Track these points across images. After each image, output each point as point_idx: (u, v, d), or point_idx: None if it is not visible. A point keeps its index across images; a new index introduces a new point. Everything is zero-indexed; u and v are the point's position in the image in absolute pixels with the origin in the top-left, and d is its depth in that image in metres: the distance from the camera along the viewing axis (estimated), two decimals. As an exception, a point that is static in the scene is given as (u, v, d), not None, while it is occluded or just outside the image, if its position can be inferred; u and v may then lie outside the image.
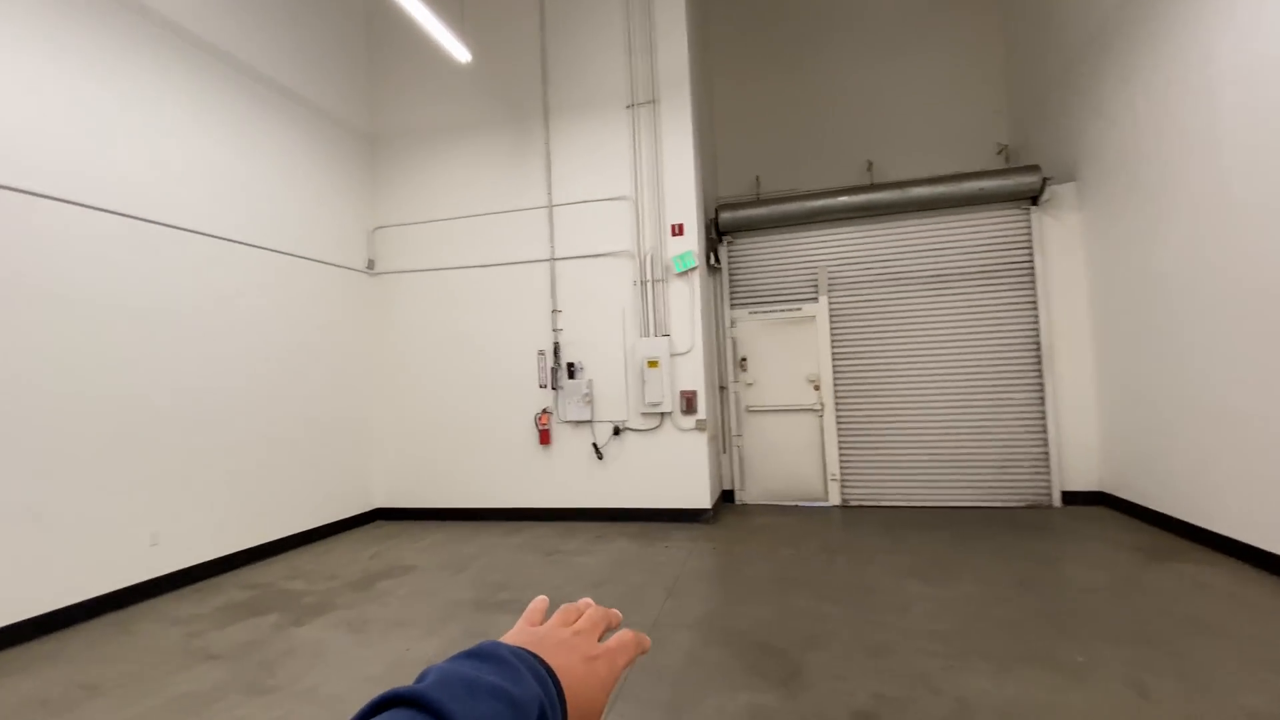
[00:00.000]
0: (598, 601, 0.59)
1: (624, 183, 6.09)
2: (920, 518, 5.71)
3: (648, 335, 5.95)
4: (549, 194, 6.29)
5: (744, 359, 6.65)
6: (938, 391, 6.18)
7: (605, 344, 6.09)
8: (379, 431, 6.71)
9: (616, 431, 5.99)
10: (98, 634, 3.67)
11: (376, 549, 5.43)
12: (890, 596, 3.74)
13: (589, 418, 6.05)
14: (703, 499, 5.79)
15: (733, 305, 6.74)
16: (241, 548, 5.04)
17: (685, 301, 5.90)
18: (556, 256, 6.26)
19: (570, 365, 6.14)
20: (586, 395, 6.04)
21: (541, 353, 6.25)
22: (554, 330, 6.22)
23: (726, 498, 6.65)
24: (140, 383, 4.34)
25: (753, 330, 6.64)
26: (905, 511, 5.99)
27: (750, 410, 6.61)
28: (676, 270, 5.87)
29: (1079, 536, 4.83)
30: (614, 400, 6.05)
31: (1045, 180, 5.86)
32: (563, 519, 6.13)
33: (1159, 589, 3.65)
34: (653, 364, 5.82)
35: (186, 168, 4.78)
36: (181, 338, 4.66)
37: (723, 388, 6.71)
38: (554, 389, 6.18)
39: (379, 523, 6.56)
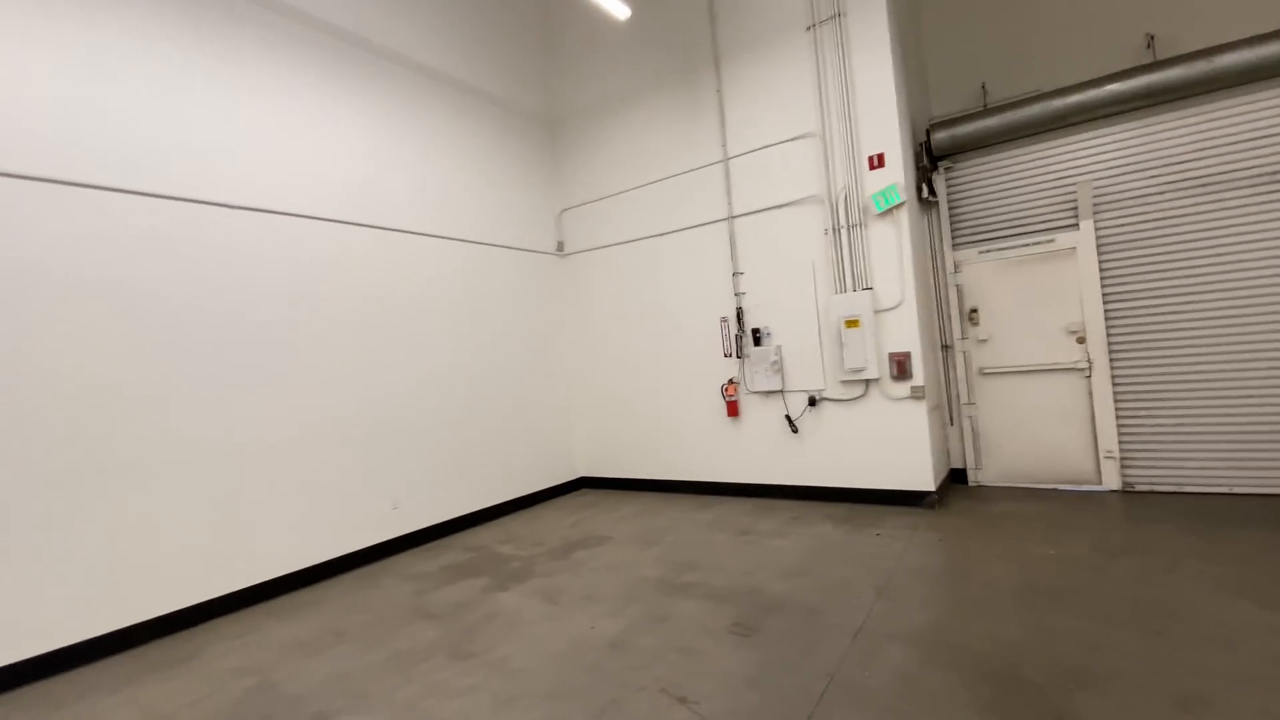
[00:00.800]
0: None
1: (808, 118, 5.32)
2: (1247, 509, 4.12)
3: (844, 291, 5.17)
4: (724, 147, 5.79)
5: (974, 310, 5.46)
6: (1271, 334, 4.36)
7: (794, 305, 5.46)
8: (578, 405, 6.98)
9: (812, 402, 5.36)
10: (353, 585, 4.30)
11: (577, 517, 5.64)
12: (1206, 622, 2.65)
13: (779, 387, 5.50)
14: (924, 479, 4.91)
15: (956, 245, 5.56)
16: (464, 512, 5.60)
17: (891, 246, 4.99)
18: (734, 214, 5.75)
19: (755, 331, 5.65)
20: (775, 363, 5.50)
21: (724, 319, 5.85)
22: (735, 294, 5.76)
23: (956, 477, 5.60)
24: (380, 375, 4.98)
25: (984, 274, 5.41)
26: (1222, 500, 4.39)
27: (985, 372, 5.43)
28: (878, 210, 4.97)
29: None
30: (807, 368, 5.41)
31: None
32: (755, 495, 5.73)
33: None
34: (852, 323, 5.05)
35: (385, 173, 5.31)
36: (402, 331, 5.24)
37: (946, 347, 5.61)
38: (739, 358, 5.75)
39: (583, 490, 6.86)
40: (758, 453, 5.73)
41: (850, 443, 5.23)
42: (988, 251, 5.39)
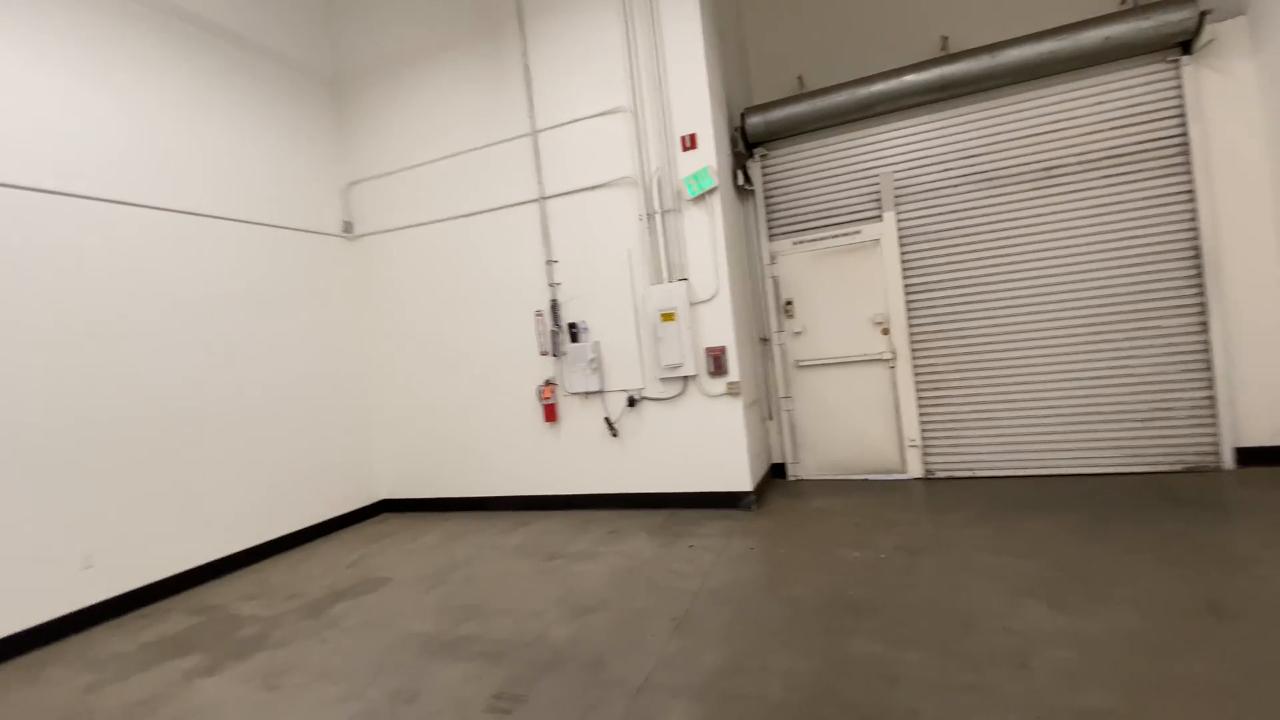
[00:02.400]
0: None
1: (619, 91, 4.83)
2: (1034, 492, 4.33)
3: (660, 281, 4.77)
4: (531, 118, 5.14)
5: (789, 302, 5.34)
6: (1052, 323, 4.66)
7: (611, 297, 4.97)
8: (377, 415, 5.96)
9: (632, 403, 4.91)
10: (8, 679, 3.06)
11: (362, 553, 4.70)
12: (1001, 634, 2.51)
13: (598, 388, 4.99)
14: (741, 479, 4.65)
15: (772, 236, 5.40)
16: (209, 559, 4.42)
17: (706, 234, 4.65)
18: (546, 194, 5.13)
19: (572, 326, 5.08)
20: (593, 361, 4.97)
21: (539, 313, 5.22)
22: (551, 285, 5.15)
23: (777, 472, 5.48)
24: (101, 384, 3.67)
25: (799, 265, 5.30)
26: (1012, 484, 4.61)
27: (801, 365, 5.33)
28: (690, 194, 4.61)
29: (1272, 514, 3.34)
30: (626, 365, 4.95)
31: (1203, 15, 4.10)
32: (578, 507, 5.18)
33: None
34: (668, 317, 4.66)
35: (126, 134, 3.98)
36: (122, 324, 3.95)
37: (764, 340, 5.45)
38: (556, 356, 5.15)
39: (385, 516, 5.88)
40: (578, 460, 5.18)
41: (670, 445, 4.85)
42: (801, 242, 5.28)
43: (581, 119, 4.96)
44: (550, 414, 5.18)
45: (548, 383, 5.19)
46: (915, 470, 5.03)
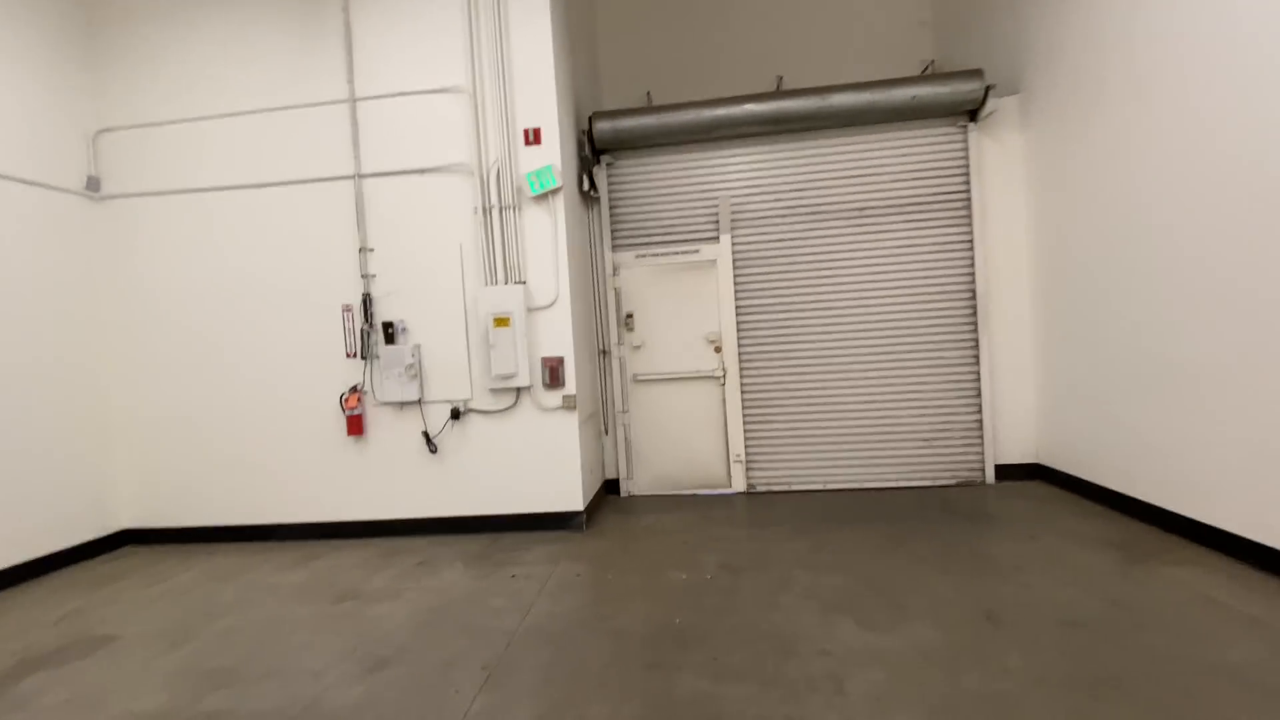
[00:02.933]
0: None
1: (458, 69, 4.38)
2: (840, 505, 4.63)
3: (495, 283, 4.37)
4: (350, 84, 4.46)
5: (629, 315, 5.24)
6: (858, 350, 5.08)
7: (437, 296, 4.45)
8: (121, 424, 4.74)
9: (456, 415, 4.43)
10: None
11: (80, 603, 3.62)
12: (818, 657, 2.52)
13: (417, 397, 4.43)
14: (573, 499, 4.40)
15: (615, 246, 5.27)
16: None
17: (547, 237, 4.36)
18: (364, 172, 4.47)
19: (388, 326, 4.46)
20: (412, 367, 4.40)
21: (347, 308, 4.52)
22: (364, 276, 4.49)
23: (611, 488, 5.32)
24: None
25: (640, 278, 5.23)
26: (822, 497, 4.91)
27: (639, 380, 5.24)
28: (532, 192, 4.29)
29: (1027, 524, 3.90)
30: (452, 372, 4.46)
31: (988, 89, 4.77)
32: (385, 533, 4.54)
33: (1162, 615, 2.67)
34: (502, 322, 4.27)
35: None
36: None
37: (604, 352, 5.28)
38: (366, 359, 4.49)
39: (128, 549, 4.67)
40: (388, 480, 4.54)
41: (498, 462, 4.44)
42: (644, 256, 5.22)
43: (412, 93, 4.41)
44: (355, 426, 4.49)
45: (354, 390, 4.50)
46: (740, 485, 5.17)
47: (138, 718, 2.40)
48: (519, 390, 4.39)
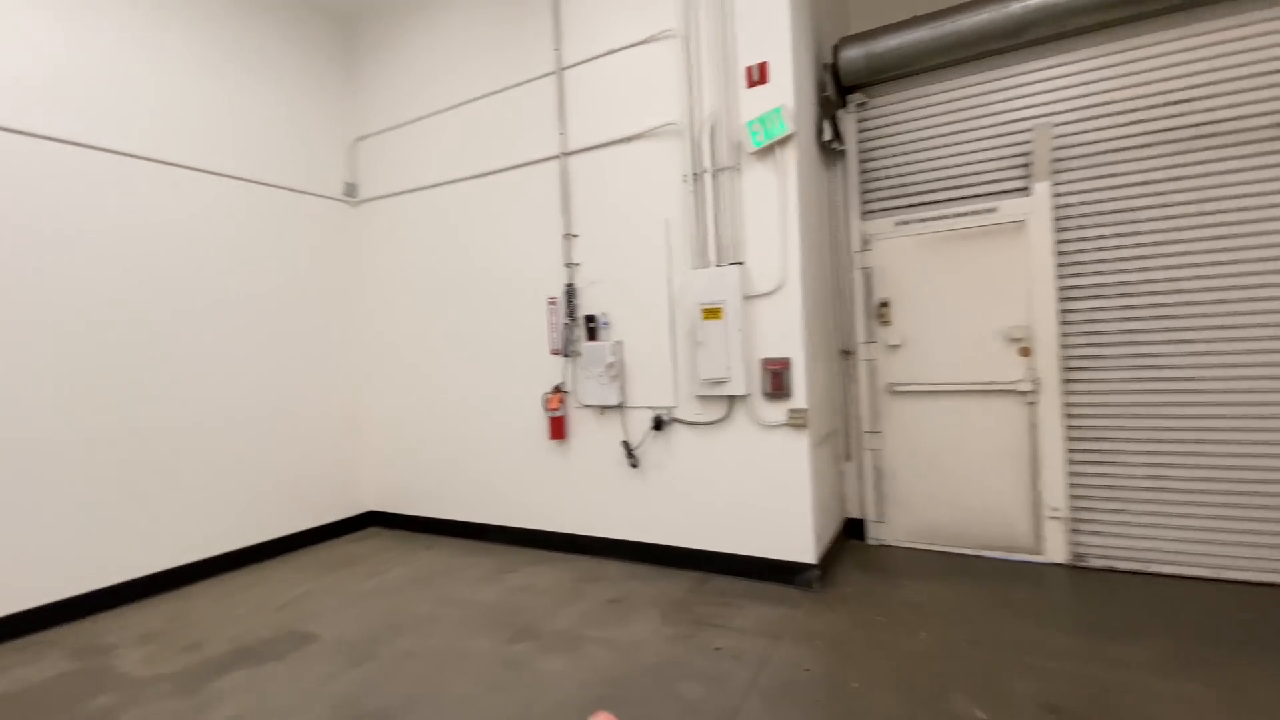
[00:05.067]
0: None
1: (667, 9, 3.62)
2: (1255, 611, 2.75)
3: (705, 265, 3.52)
4: (557, 50, 4.02)
5: (884, 304, 3.94)
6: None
7: (640, 283, 3.78)
8: (369, 414, 5.07)
9: (659, 425, 3.70)
10: None
11: (307, 588, 3.76)
12: None
13: (617, 401, 3.81)
14: (802, 546, 3.34)
15: (866, 213, 4.02)
16: (139, 574, 3.62)
17: (771, 202, 3.37)
18: (569, 150, 4.00)
19: (590, 320, 3.93)
20: (613, 366, 3.80)
21: (552, 301, 4.11)
22: (568, 265, 4.02)
23: (853, 530, 4.10)
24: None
25: (901, 254, 3.89)
26: (1212, 591, 3.03)
27: (896, 390, 3.92)
28: (754, 145, 3.33)
29: None
30: (654, 374, 3.75)
31: None
32: (585, 552, 4.04)
33: None
34: (711, 313, 3.41)
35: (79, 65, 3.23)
36: (71, 299, 3.20)
37: (846, 354, 4.08)
38: (568, 356, 4.03)
39: (371, 531, 4.98)
40: (588, 493, 4.03)
41: (706, 486, 3.60)
42: (908, 222, 3.87)
43: (618, 49, 3.79)
44: (558, 429, 4.06)
45: (556, 389, 4.07)
46: (1057, 552, 3.51)
47: (278, 766, 2.09)
48: (732, 399, 3.48)
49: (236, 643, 3.05)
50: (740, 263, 3.42)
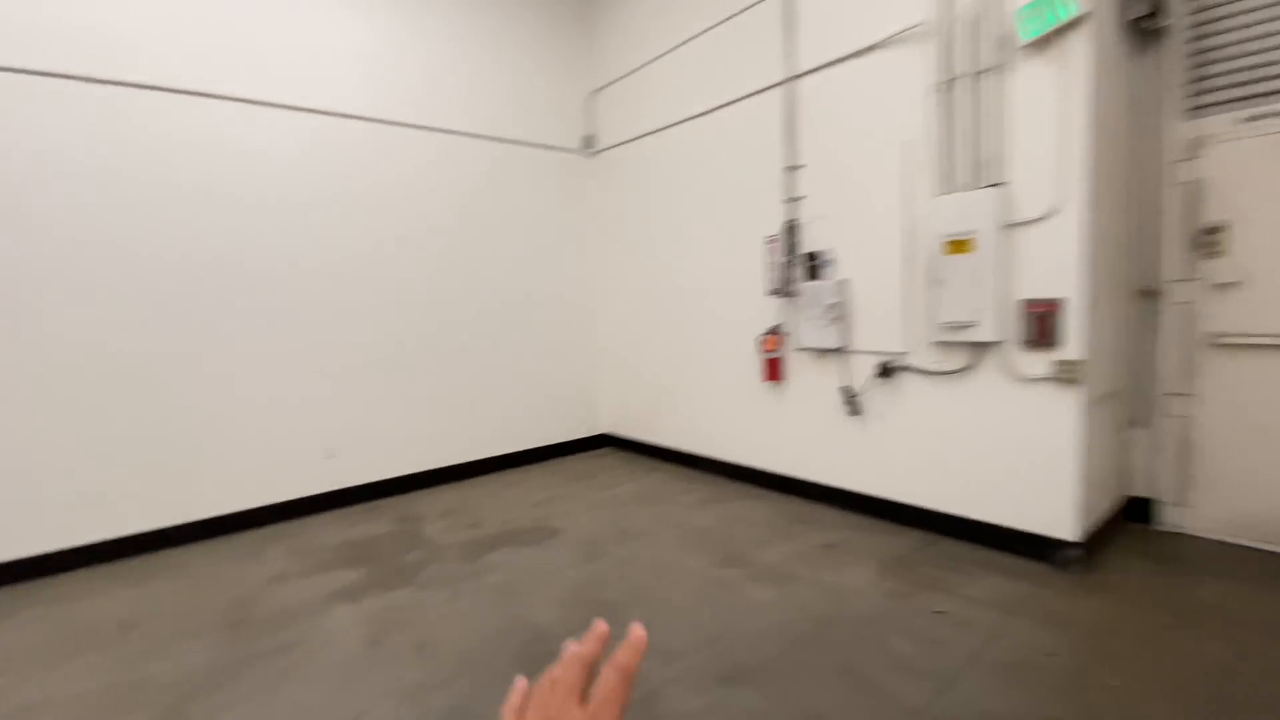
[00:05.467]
0: None
1: (921, -114, 3.09)
2: None
3: (952, 190, 3.06)
4: (786, -37, 3.73)
5: (1214, 228, 3.01)
6: None
7: (869, 215, 3.45)
8: (605, 345, 5.60)
9: (886, 372, 3.42)
10: (234, 552, 3.54)
11: (556, 493, 4.41)
12: None
13: (839, 344, 3.61)
14: (1059, 520, 2.86)
15: (1196, 108, 3.05)
16: (429, 467, 4.65)
17: (1047, 106, 2.76)
18: (796, 72, 3.74)
19: (812, 258, 3.74)
20: (835, 307, 3.59)
21: (771, 239, 3.99)
22: (789, 200, 3.85)
23: (1136, 513, 3.36)
24: (341, 300, 4.06)
25: (1250, 160, 2.90)
26: None
27: (1224, 343, 3.02)
28: (1026, 36, 2.73)
29: None
30: (882, 316, 3.44)
31: None
32: (797, 494, 4.01)
33: None
34: (957, 246, 2.97)
35: (322, 37, 4.13)
36: (379, 250, 4.22)
37: (1147, 294, 3.24)
38: (787, 296, 3.91)
39: (605, 451, 5.60)
40: (802, 436, 3.96)
41: (940, 441, 3.26)
42: (1261, 117, 2.84)
43: (857, -52, 3.37)
44: (772, 371, 4.02)
45: (773, 331, 4.01)
46: None
47: (529, 628, 2.56)
48: (979, 346, 3.04)
49: (504, 527, 3.75)
50: (1000, 184, 2.89)
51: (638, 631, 0.45)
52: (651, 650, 2.34)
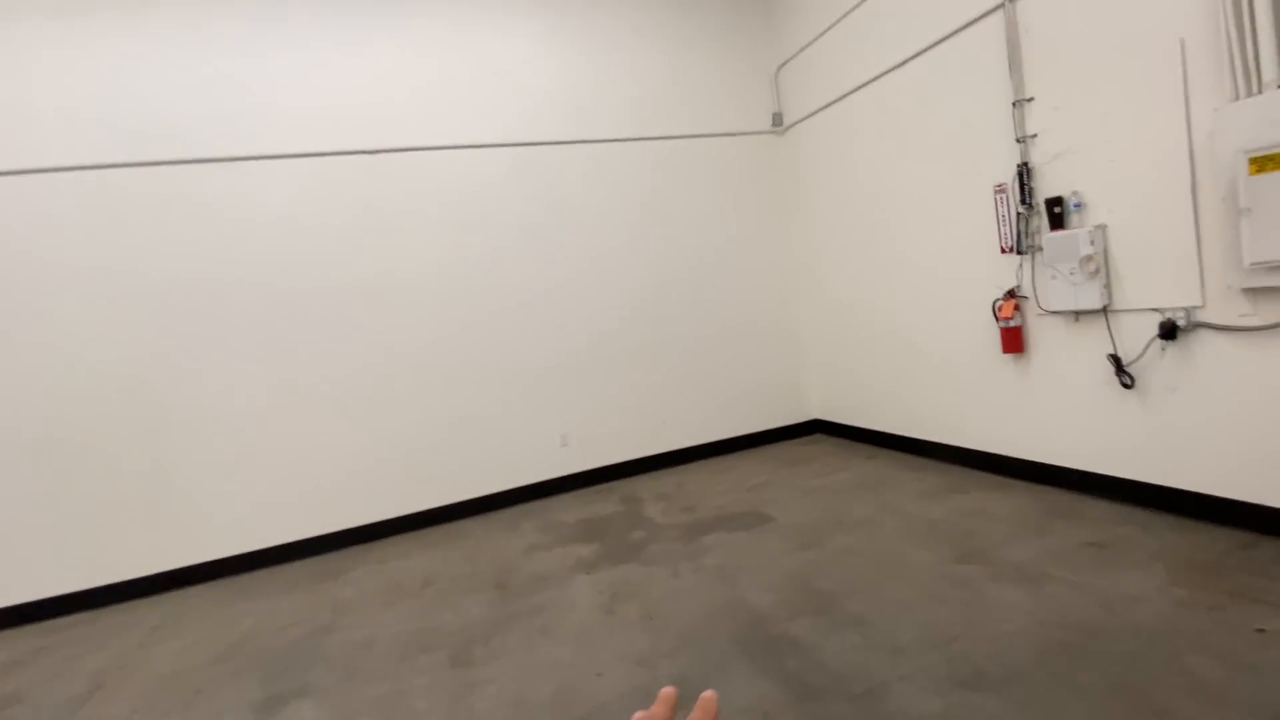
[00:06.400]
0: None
1: None
2: None
3: (1254, 90, 2.34)
4: None
5: None
6: None
7: (1131, 140, 2.80)
8: (807, 328, 5.43)
9: (1169, 332, 2.75)
10: (493, 527, 4.22)
11: (768, 478, 4.42)
12: None
13: (1099, 304, 3.00)
14: None
15: None
16: (644, 454, 4.99)
17: None
18: (1016, -10, 3.19)
19: (1055, 204, 3.16)
20: (1090, 260, 2.99)
21: (1000, 188, 3.47)
22: (1019, 140, 3.30)
23: None
24: (554, 301, 4.65)
25: None
26: None
27: None
28: None
29: None
30: (1159, 261, 2.78)
31: None
32: (1050, 482, 3.44)
33: None
34: (1268, 163, 2.27)
35: (564, 79, 4.63)
36: (578, 252, 4.72)
37: None
38: (1024, 253, 3.36)
39: (816, 437, 5.44)
40: (1055, 416, 3.38)
41: (1257, 415, 2.54)
42: None
43: None
44: (1012, 341, 3.49)
45: (1009, 295, 3.48)
46: None
47: (745, 611, 2.62)
48: (1320, 288, 2.29)
49: (718, 512, 3.87)
50: (1341, 69, 2.14)
51: (709, 695, 0.44)
52: (876, 643, 2.24)
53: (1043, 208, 3.22)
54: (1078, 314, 3.16)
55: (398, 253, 4.30)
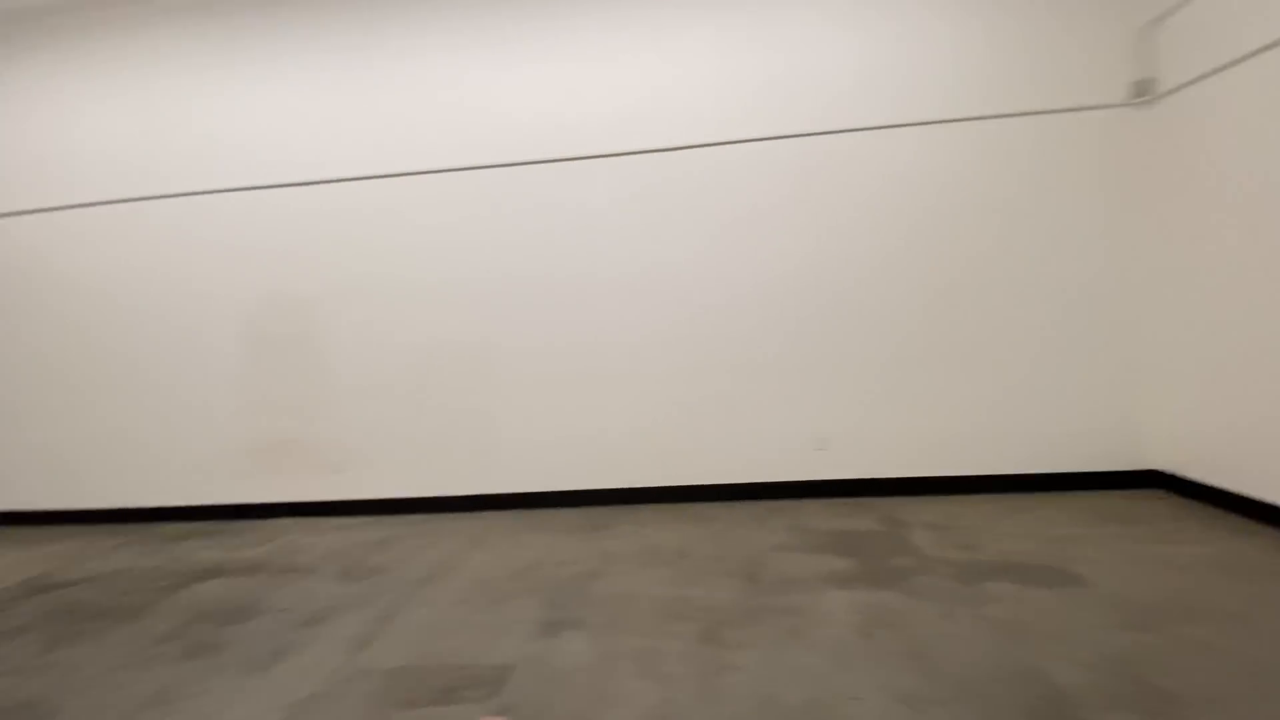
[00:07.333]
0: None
1: None
2: None
3: None
4: None
5: None
6: None
7: None
8: (1157, 356, 4.28)
9: None
10: (740, 518, 4.24)
11: (1075, 532, 3.62)
12: None
13: None
14: None
15: None
16: (917, 474, 4.51)
17: None
18: None
19: None
20: None
21: None
22: None
23: None
24: (830, 299, 4.53)
25: None
26: None
27: None
28: None
29: None
30: None
31: None
32: None
33: None
34: None
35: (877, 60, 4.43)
36: (867, 252, 4.50)
37: None
38: None
39: (1156, 492, 4.29)
40: None
41: None
42: None
43: None
44: None
45: None
46: None
47: (1046, 682, 2.17)
48: None
49: (1006, 557, 3.30)
50: None
51: None
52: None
53: None
54: None
55: (669, 244, 4.58)
